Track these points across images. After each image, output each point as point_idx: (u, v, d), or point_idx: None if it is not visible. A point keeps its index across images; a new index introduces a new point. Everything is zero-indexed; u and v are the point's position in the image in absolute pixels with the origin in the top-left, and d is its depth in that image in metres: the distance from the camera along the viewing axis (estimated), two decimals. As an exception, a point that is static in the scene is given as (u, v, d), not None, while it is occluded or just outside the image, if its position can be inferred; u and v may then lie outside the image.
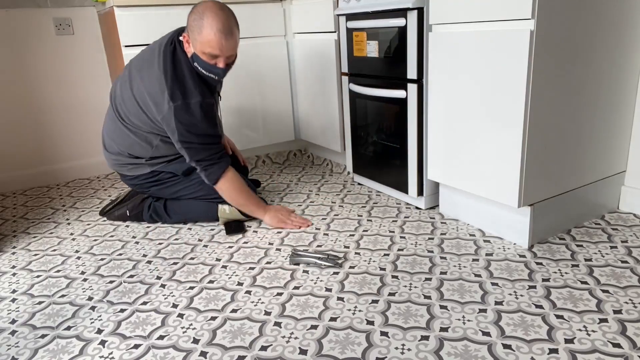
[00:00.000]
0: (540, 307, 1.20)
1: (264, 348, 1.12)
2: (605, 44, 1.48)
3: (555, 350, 1.05)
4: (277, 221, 1.77)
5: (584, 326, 1.12)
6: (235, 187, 1.74)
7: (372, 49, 1.88)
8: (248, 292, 1.36)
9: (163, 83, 1.60)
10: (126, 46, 2.11)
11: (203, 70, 1.63)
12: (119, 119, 1.75)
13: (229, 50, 1.59)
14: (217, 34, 1.54)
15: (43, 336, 1.23)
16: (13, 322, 1.30)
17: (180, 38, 1.66)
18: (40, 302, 1.38)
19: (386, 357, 1.07)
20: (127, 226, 1.89)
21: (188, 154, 1.67)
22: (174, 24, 2.14)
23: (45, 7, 2.35)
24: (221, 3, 1.59)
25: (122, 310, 1.31)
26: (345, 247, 1.59)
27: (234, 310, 1.28)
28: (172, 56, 1.64)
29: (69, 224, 1.96)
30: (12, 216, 2.08)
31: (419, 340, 1.11)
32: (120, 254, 1.65)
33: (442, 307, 1.23)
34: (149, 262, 1.58)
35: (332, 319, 1.21)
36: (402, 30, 1.71)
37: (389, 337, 1.13)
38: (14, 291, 1.46)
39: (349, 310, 1.24)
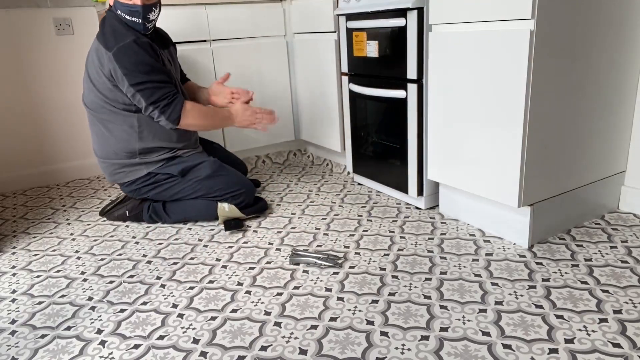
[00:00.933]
0: (540, 307, 1.20)
1: (264, 348, 1.12)
2: (605, 44, 1.48)
3: (555, 350, 1.05)
4: (247, 124, 1.85)
5: (584, 326, 1.12)
6: (200, 116, 1.75)
7: (372, 49, 1.88)
8: (248, 292, 1.37)
9: (99, 44, 1.67)
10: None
11: (125, 15, 1.67)
12: (93, 114, 1.76)
13: None
14: None
15: (43, 336, 1.23)
16: (13, 322, 1.30)
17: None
18: (40, 302, 1.38)
19: (386, 357, 1.07)
20: (127, 226, 1.89)
21: (143, 97, 1.66)
22: (173, 24, 2.14)
23: (45, 7, 2.35)
24: None
25: (122, 311, 1.31)
26: (345, 247, 1.59)
27: (234, 310, 1.28)
28: (102, 22, 1.71)
29: (69, 224, 1.96)
30: (12, 216, 2.08)
31: (419, 340, 1.11)
32: (120, 254, 1.65)
33: (442, 307, 1.23)
34: (149, 262, 1.59)
35: (332, 319, 1.21)
36: (402, 30, 1.71)
37: (389, 337, 1.13)
38: (14, 291, 1.46)
39: (349, 310, 1.24)
